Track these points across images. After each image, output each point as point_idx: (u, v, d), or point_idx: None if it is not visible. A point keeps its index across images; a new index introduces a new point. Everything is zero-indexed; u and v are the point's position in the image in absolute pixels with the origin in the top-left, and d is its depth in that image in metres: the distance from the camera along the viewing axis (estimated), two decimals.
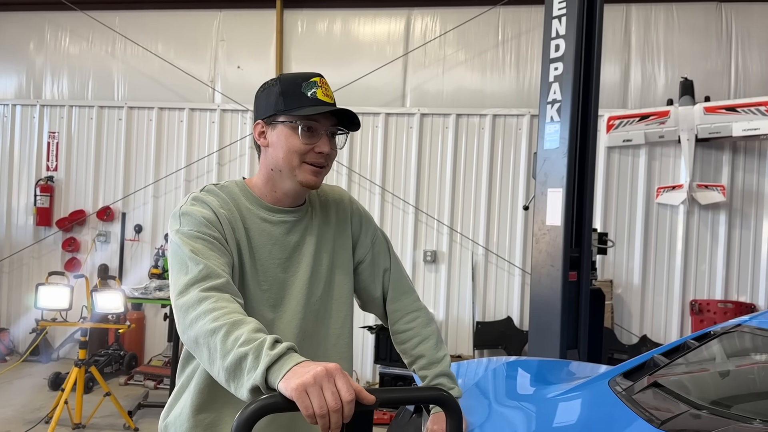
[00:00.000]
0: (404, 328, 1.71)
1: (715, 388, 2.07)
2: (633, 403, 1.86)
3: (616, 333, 5.86)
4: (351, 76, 6.46)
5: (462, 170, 6.36)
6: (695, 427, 1.64)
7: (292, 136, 1.50)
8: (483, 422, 1.84)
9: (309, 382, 1.05)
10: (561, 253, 4.06)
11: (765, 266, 5.76)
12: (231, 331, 1.19)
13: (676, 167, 5.92)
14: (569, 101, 4.02)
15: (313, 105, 1.48)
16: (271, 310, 1.52)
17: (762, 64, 5.89)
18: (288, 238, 1.57)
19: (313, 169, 1.52)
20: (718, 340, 2.45)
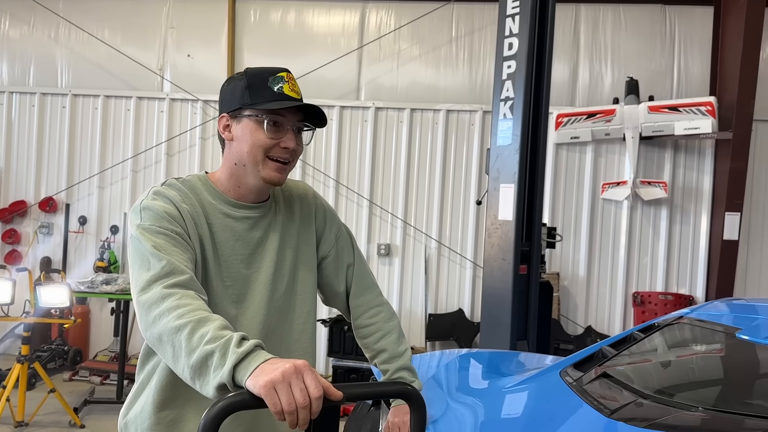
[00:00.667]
0: (367, 323, 1.73)
1: (659, 378, 2.17)
2: (584, 394, 1.93)
3: (562, 324, 6.04)
4: (305, 67, 6.40)
5: (416, 164, 6.42)
6: (642, 416, 1.72)
7: (257, 130, 1.49)
8: (440, 415, 1.88)
9: (277, 379, 1.05)
10: (512, 247, 4.16)
11: (703, 260, 6.04)
12: (196, 328, 1.18)
13: (620, 164, 6.13)
14: (521, 99, 4.11)
15: (279, 100, 1.47)
16: (234, 306, 1.51)
17: (703, 66, 6.16)
18: (251, 234, 1.56)
19: (277, 165, 1.51)
20: (661, 332, 2.57)
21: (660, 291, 6.04)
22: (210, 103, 6.55)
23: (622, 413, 1.73)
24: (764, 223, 6.04)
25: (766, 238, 6.05)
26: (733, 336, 2.28)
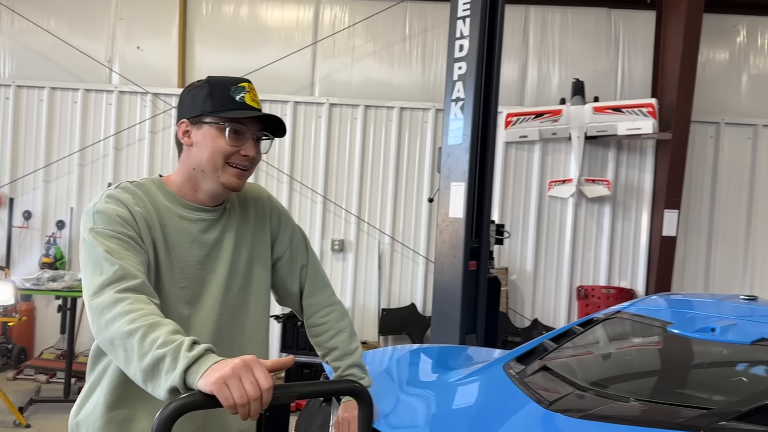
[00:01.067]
0: (319, 322, 1.78)
1: (596, 370, 2.30)
2: (525, 386, 2.04)
3: (510, 317, 6.22)
4: (258, 61, 6.37)
5: (370, 161, 6.48)
6: (578, 407, 1.84)
7: (218, 138, 1.53)
8: (390, 408, 1.96)
9: (228, 374, 1.10)
10: (462, 243, 4.28)
11: (644, 255, 6.31)
12: (148, 333, 1.21)
13: (566, 162, 6.34)
14: (472, 99, 4.22)
15: (241, 109, 1.52)
16: (188, 307, 1.55)
17: (645, 68, 6.41)
18: (206, 236, 1.59)
19: (236, 172, 1.55)
20: (600, 325, 2.71)
21: (603, 285, 6.29)
22: (160, 96, 6.45)
23: (559, 404, 1.84)
24: (701, 220, 6.36)
25: (703, 234, 6.36)
26: (665, 330, 2.44)
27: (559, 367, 2.20)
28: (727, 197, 6.34)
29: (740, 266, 6.35)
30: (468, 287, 4.30)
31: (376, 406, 1.73)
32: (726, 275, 6.35)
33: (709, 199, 6.34)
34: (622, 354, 2.47)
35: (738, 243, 6.34)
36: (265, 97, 6.42)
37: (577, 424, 1.73)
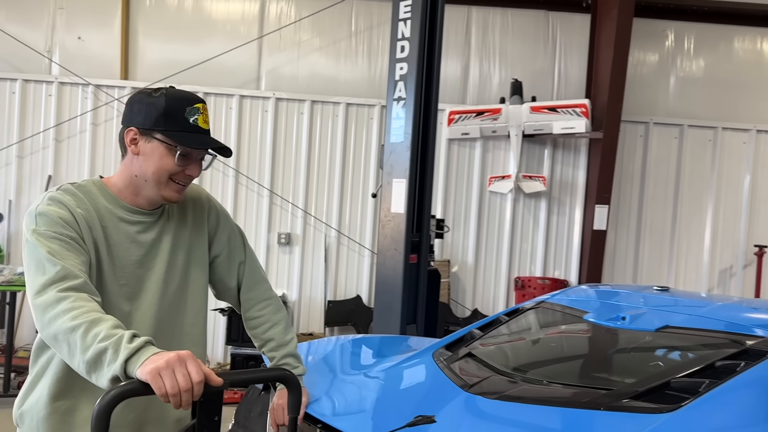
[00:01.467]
0: (256, 315, 1.90)
1: (516, 356, 2.50)
2: (450, 371, 2.21)
3: (451, 307, 6.46)
4: (203, 54, 6.37)
5: (317, 155, 6.57)
6: (495, 389, 2.02)
7: (167, 156, 1.61)
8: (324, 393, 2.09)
9: (162, 366, 1.22)
10: (404, 237, 4.45)
11: (576, 247, 6.64)
12: (90, 328, 1.31)
13: (505, 159, 6.60)
14: (413, 99, 4.38)
15: (193, 132, 1.61)
16: (128, 303, 1.64)
17: (580, 70, 6.71)
18: (145, 237, 1.69)
19: (178, 187, 1.66)
20: (524, 315, 2.92)
21: (539, 276, 6.59)
22: (102, 88, 6.37)
23: (478, 387, 2.02)
24: (630, 215, 6.73)
25: (632, 227, 6.74)
26: (581, 318, 2.66)
27: (482, 354, 2.39)
28: (655, 193, 6.73)
29: (666, 258, 6.76)
30: (409, 279, 4.48)
31: (307, 392, 1.86)
32: (653, 266, 6.75)
33: (638, 194, 6.72)
34: (541, 341, 2.67)
35: (664, 236, 6.75)
36: (211, 90, 6.44)
37: (493, 405, 1.91)
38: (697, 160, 6.72)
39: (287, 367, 1.78)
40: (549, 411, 1.89)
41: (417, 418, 1.77)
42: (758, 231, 6.73)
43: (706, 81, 6.77)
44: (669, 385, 2.01)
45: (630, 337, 2.48)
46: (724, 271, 6.76)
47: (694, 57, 6.80)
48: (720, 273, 6.76)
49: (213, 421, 1.31)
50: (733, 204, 6.74)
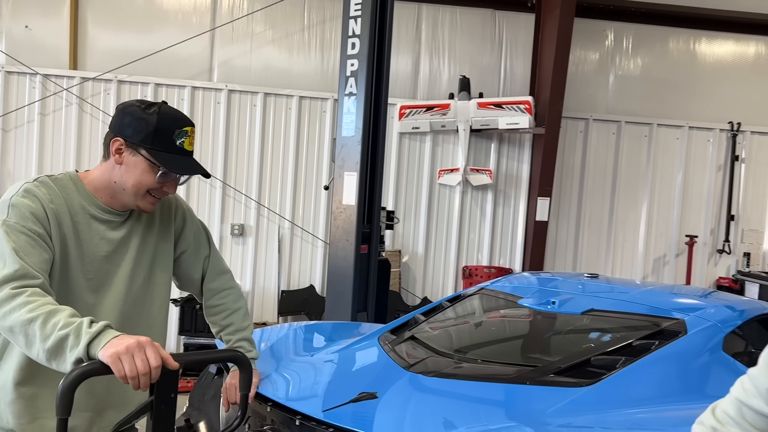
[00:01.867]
0: (218, 303, 2.03)
1: (454, 338, 2.70)
2: (393, 353, 2.40)
3: (402, 295, 6.66)
4: (155, 44, 6.35)
5: (270, 148, 6.65)
6: (434, 368, 2.21)
7: (148, 173, 1.70)
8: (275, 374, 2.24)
9: (122, 351, 1.35)
10: (355, 229, 4.61)
11: (521, 237, 6.94)
12: (48, 318, 1.42)
13: (454, 153, 6.83)
14: (363, 95, 4.53)
15: (178, 154, 1.71)
16: (94, 296, 1.75)
17: (525, 67, 6.98)
18: (114, 235, 1.78)
19: (153, 200, 1.76)
20: (465, 301, 3.13)
21: (485, 265, 6.87)
22: (50, 78, 6.28)
23: (417, 367, 2.21)
24: (570, 206, 7.06)
25: (572, 218, 7.07)
26: (516, 303, 2.88)
27: (423, 337, 2.58)
28: (594, 186, 7.08)
29: (604, 247, 7.13)
30: (360, 269, 4.65)
31: (258, 374, 2.01)
32: (592, 255, 7.11)
33: (578, 187, 7.06)
34: (478, 324, 2.89)
35: (602, 226, 7.11)
36: (162, 81, 6.43)
37: (431, 381, 2.10)
38: (634, 155, 7.10)
39: (241, 350, 1.92)
40: (481, 386, 2.10)
41: (360, 394, 1.94)
42: (689, 222, 7.16)
43: (642, 80, 7.14)
44: (589, 362, 2.24)
45: (558, 320, 2.71)
46: (658, 260, 7.18)
47: (632, 56, 7.15)
48: (654, 261, 7.18)
49: (170, 397, 1.44)
50: (667, 196, 7.15)
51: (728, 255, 7.18)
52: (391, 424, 1.84)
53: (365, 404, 1.91)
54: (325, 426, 1.77)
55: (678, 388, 2.25)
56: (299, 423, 1.82)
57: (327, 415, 1.81)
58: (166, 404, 1.42)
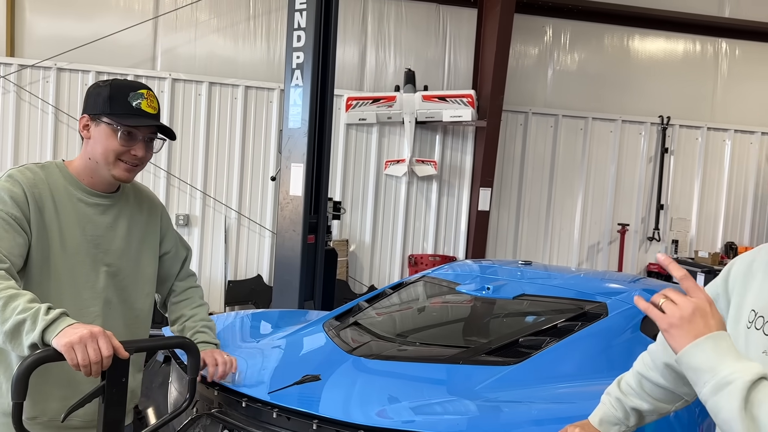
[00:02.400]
0: (185, 297, 2.10)
1: (396, 324, 2.85)
2: (337, 338, 2.52)
3: (349, 284, 6.80)
4: (96, 31, 6.23)
5: (215, 138, 6.63)
6: (374, 351, 2.35)
7: (111, 138, 1.74)
8: None
9: (75, 341, 1.42)
10: (302, 219, 4.70)
11: (464, 227, 7.16)
12: (8, 302, 1.48)
13: (400, 144, 6.98)
14: (309, 88, 4.60)
15: (136, 115, 1.73)
16: (79, 280, 1.78)
17: (468, 61, 7.17)
18: (101, 219, 1.83)
19: (126, 167, 1.78)
20: (406, 288, 3.28)
21: (430, 253, 7.07)
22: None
23: (359, 350, 2.34)
24: (511, 196, 7.33)
25: (513, 208, 7.35)
26: (454, 290, 3.05)
27: (366, 322, 2.71)
28: (533, 177, 7.37)
29: (542, 235, 7.44)
30: (307, 259, 4.74)
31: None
32: (531, 243, 7.41)
33: (518, 178, 7.33)
34: (418, 310, 3.04)
35: (541, 216, 7.42)
36: (103, 69, 6.32)
37: (371, 363, 2.23)
38: (570, 148, 7.42)
39: (206, 337, 2.00)
40: (419, 366, 2.25)
41: (304, 377, 2.05)
42: (622, 211, 7.55)
43: (579, 75, 7.45)
44: (518, 343, 2.42)
45: (492, 304, 2.89)
46: (592, 247, 7.55)
47: (569, 52, 7.45)
48: (589, 248, 7.54)
49: (121, 382, 1.51)
50: (601, 187, 7.51)
51: (658, 242, 7.61)
52: (335, 402, 1.96)
53: (309, 386, 2.02)
54: (270, 407, 1.87)
55: (598, 366, 2.46)
56: (245, 405, 1.92)
57: (272, 397, 1.92)
58: (117, 388, 1.50)
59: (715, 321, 1.05)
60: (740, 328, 1.20)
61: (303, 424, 1.81)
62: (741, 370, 1.00)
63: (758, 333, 1.14)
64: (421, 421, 1.83)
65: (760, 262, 1.21)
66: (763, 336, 1.13)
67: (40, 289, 1.68)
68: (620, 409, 1.47)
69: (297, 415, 1.83)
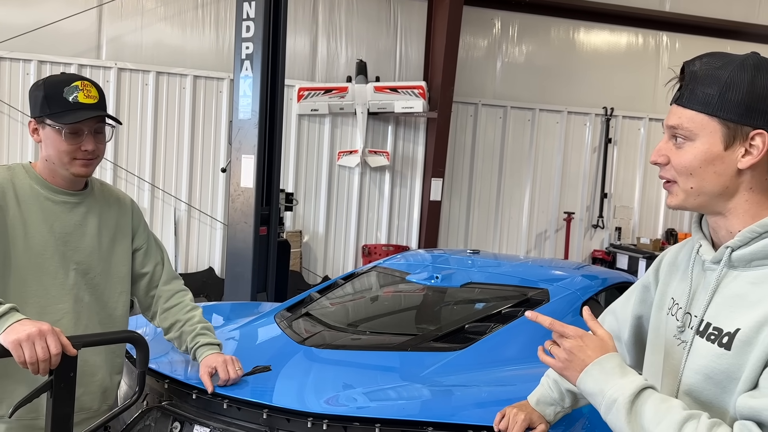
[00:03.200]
0: (177, 302, 2.05)
1: (347, 313, 2.90)
2: (289, 329, 2.55)
3: (303, 275, 6.81)
4: (37, 18, 6.02)
5: (164, 129, 6.51)
6: (324, 341, 2.40)
7: (57, 139, 1.71)
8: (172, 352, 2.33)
9: (23, 338, 1.42)
10: (253, 211, 4.69)
11: (417, 216, 7.26)
12: None
13: (353, 135, 7.00)
14: (259, 78, 4.58)
15: (74, 110, 1.69)
16: (48, 277, 1.76)
17: (419, 53, 7.23)
18: (69, 216, 1.81)
19: (82, 162, 1.75)
20: (358, 278, 3.33)
21: (383, 243, 7.14)
22: None
23: (310, 340, 2.38)
24: (462, 186, 7.47)
25: (464, 198, 7.49)
26: (404, 279, 3.12)
27: (317, 313, 2.75)
28: (483, 167, 7.51)
29: (492, 224, 7.61)
30: (259, 250, 4.74)
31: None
32: (482, 232, 7.58)
33: (469, 168, 7.47)
34: (369, 299, 3.10)
35: (491, 205, 7.58)
36: (46, 59, 6.12)
37: (322, 353, 2.28)
38: (519, 138, 7.59)
39: (208, 339, 1.99)
40: (369, 354, 2.31)
41: (255, 368, 2.08)
42: (568, 200, 7.78)
43: (526, 67, 7.62)
44: (464, 329, 2.50)
45: (440, 292, 2.98)
46: (540, 235, 7.77)
47: (517, 44, 7.60)
48: (536, 237, 7.75)
49: (69, 377, 1.52)
50: (548, 176, 7.72)
51: (602, 229, 7.89)
52: (286, 392, 2.00)
53: (260, 376, 2.05)
54: (220, 398, 1.90)
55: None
56: (195, 397, 1.94)
57: (222, 388, 1.95)
58: (65, 383, 1.50)
59: (592, 350, 1.16)
60: (662, 315, 1.29)
61: (253, 414, 1.84)
62: (623, 386, 1.11)
63: (672, 318, 1.24)
64: (374, 407, 1.89)
65: (683, 255, 1.31)
66: (675, 321, 1.23)
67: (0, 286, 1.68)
68: (556, 390, 1.56)
69: (248, 406, 1.86)
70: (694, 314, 1.17)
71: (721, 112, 1.07)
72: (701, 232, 1.23)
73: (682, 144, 1.12)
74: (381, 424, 1.77)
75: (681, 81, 1.14)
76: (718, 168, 1.10)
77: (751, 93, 1.06)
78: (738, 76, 1.06)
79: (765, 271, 1.09)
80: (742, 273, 1.12)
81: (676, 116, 1.12)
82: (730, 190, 1.11)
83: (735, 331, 1.07)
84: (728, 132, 1.08)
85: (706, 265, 1.18)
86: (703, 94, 1.08)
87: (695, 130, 1.10)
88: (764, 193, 1.12)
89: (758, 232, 1.09)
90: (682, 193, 1.14)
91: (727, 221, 1.14)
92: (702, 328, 1.14)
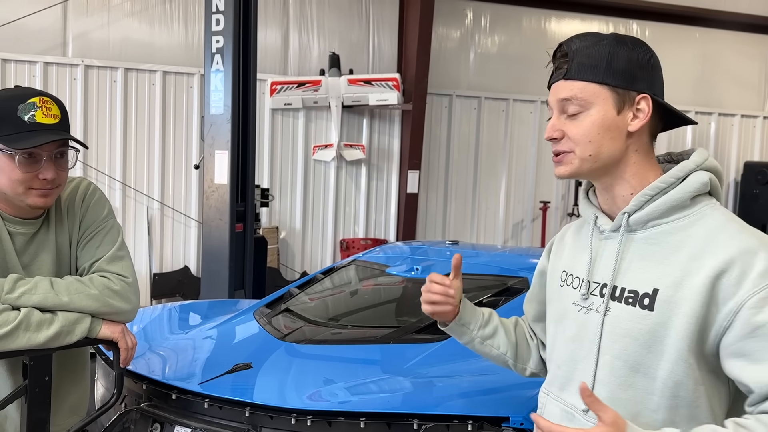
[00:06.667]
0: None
1: (328, 308, 2.88)
2: (269, 325, 2.52)
3: (281, 271, 6.75)
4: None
5: (134, 126, 6.38)
6: (306, 336, 2.37)
7: (10, 166, 1.46)
8: (150, 353, 2.29)
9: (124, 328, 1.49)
10: (228, 208, 4.63)
11: (394, 209, 7.24)
12: None
13: (328, 129, 6.95)
14: (230, 72, 4.51)
15: (31, 131, 1.43)
16: None
17: (392, 45, 7.18)
18: (28, 248, 1.62)
19: (40, 192, 1.51)
20: (337, 272, 3.30)
21: (361, 237, 7.12)
22: None
23: (290, 336, 2.35)
24: (438, 178, 7.47)
25: (440, 190, 7.49)
26: (384, 272, 3.10)
27: (297, 308, 2.72)
28: (459, 158, 7.52)
29: (470, 215, 7.63)
30: (235, 248, 4.69)
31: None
32: (459, 224, 7.59)
33: (445, 160, 7.47)
34: (349, 293, 3.08)
35: (467, 196, 7.60)
36: (10, 57, 5.95)
37: (303, 348, 2.26)
38: (493, 129, 7.61)
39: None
40: (350, 348, 2.29)
41: (235, 366, 2.05)
42: (543, 189, 7.83)
43: (499, 57, 7.63)
44: None
45: (420, 284, 2.96)
46: (517, 225, 7.81)
47: (489, 35, 7.60)
48: (513, 226, 7.80)
49: (44, 381, 1.47)
50: (523, 166, 7.76)
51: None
52: (268, 389, 1.98)
53: (241, 374, 2.02)
54: (201, 397, 1.87)
55: None
56: (176, 397, 1.90)
57: (203, 387, 1.91)
58: (40, 387, 1.45)
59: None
60: (554, 287, 1.37)
61: (235, 413, 1.81)
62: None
63: (568, 288, 1.31)
64: (357, 401, 1.88)
65: (570, 233, 1.41)
66: (572, 290, 1.30)
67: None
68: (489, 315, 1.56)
69: (229, 404, 1.83)
70: (598, 281, 1.23)
71: (610, 79, 1.16)
72: (593, 206, 1.30)
73: (577, 115, 1.18)
74: (366, 417, 1.75)
75: (562, 59, 1.21)
76: (613, 133, 1.18)
77: (630, 61, 1.17)
78: (617, 48, 1.17)
79: (661, 229, 1.17)
80: (640, 234, 1.19)
81: (567, 89, 1.19)
82: (622, 154, 1.19)
83: (654, 292, 1.14)
84: (618, 97, 1.17)
85: (606, 234, 1.24)
86: (591, 65, 1.17)
87: (590, 99, 1.17)
88: (648, 154, 1.22)
89: (650, 195, 1.17)
90: (578, 160, 1.19)
91: (619, 185, 1.22)
92: (617, 293, 1.19)
